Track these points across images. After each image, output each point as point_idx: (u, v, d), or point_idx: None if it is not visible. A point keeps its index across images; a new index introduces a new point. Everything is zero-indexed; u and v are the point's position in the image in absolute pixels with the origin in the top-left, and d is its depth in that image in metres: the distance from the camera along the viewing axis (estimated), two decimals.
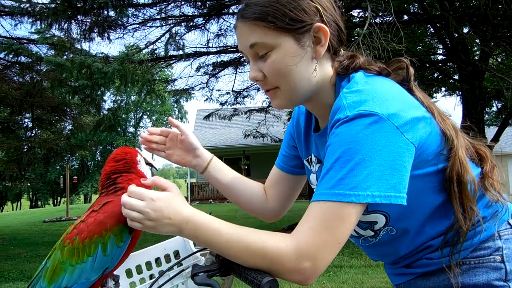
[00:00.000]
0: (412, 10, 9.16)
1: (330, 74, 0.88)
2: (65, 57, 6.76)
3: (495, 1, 6.17)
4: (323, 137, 0.92)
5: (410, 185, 0.75)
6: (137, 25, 8.46)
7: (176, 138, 1.12)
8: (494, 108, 13.95)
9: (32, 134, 9.76)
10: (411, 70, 0.88)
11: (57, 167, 29.55)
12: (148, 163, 1.11)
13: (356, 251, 6.11)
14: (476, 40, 8.21)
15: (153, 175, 1.09)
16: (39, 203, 36.95)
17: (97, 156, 37.52)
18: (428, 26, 9.32)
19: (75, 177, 25.03)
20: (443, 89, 12.08)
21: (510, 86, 6.61)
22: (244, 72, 11.32)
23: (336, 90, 0.88)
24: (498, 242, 0.86)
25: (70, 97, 8.47)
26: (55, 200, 38.68)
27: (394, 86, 0.82)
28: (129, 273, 1.18)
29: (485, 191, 0.86)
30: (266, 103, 12.80)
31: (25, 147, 8.97)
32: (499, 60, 9.95)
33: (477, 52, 9.63)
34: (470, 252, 0.85)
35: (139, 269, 1.18)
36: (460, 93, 10.22)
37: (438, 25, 8.13)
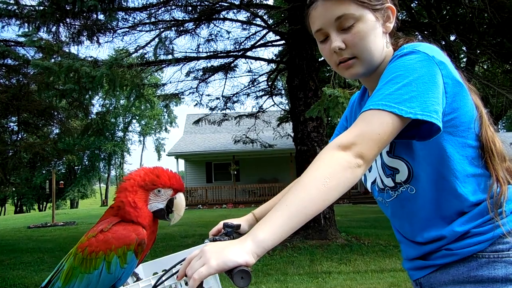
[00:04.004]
0: (400, 18, 9.29)
1: (390, 50, 1.00)
2: (52, 60, 6.66)
3: (481, 9, 6.29)
4: None
5: (436, 146, 0.87)
6: (127, 29, 8.41)
7: None
8: None
9: (18, 138, 9.59)
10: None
11: (43, 172, 29.10)
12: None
13: (345, 257, 6.11)
14: (463, 48, 8.35)
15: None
16: (24, 208, 36.27)
17: (85, 160, 37.09)
18: (416, 33, 9.46)
19: (62, 182, 24.64)
20: None
21: (495, 93, 6.73)
22: (234, 77, 11.33)
23: None
24: None
25: (57, 101, 8.35)
26: (41, 205, 38.03)
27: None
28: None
29: None
30: (256, 109, 12.82)
31: (11, 151, 8.80)
32: (485, 67, 10.13)
33: (464, 60, 9.79)
34: (488, 246, 0.87)
35: None
36: None
37: (425, 32, 8.25)
